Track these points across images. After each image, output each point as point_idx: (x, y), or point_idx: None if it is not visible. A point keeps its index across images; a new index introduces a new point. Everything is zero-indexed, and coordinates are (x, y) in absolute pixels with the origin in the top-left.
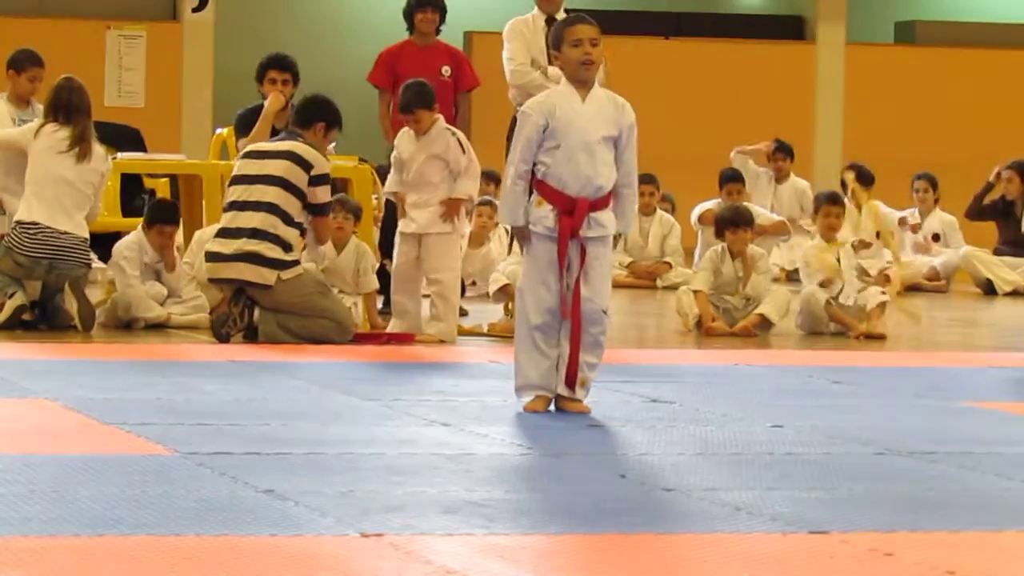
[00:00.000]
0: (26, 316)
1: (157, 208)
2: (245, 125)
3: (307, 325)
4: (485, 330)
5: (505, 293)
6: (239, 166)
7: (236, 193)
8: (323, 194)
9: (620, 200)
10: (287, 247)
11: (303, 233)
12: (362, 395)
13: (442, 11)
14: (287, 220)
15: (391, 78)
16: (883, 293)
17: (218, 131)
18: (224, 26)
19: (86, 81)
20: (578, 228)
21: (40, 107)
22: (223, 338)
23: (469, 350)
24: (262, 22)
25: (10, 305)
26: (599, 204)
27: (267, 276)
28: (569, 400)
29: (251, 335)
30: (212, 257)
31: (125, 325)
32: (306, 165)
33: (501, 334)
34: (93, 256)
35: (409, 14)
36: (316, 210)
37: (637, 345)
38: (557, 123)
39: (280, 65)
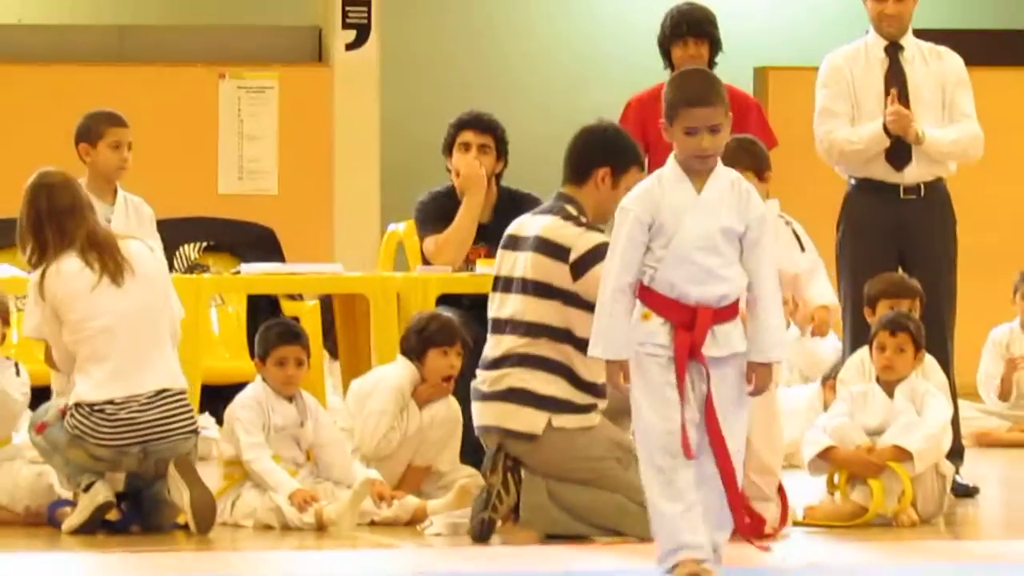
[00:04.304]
0: (111, 515)
1: (270, 330)
2: (431, 217)
3: (594, 504)
4: (800, 516)
5: (828, 460)
6: (498, 257)
7: (494, 304)
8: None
9: (755, 316)
10: (576, 380)
11: None
12: None
13: (711, 40)
14: (569, 339)
15: (641, 139)
16: None
17: (391, 228)
18: (394, 70)
19: (191, 156)
20: (700, 345)
21: (133, 198)
22: (483, 529)
23: (782, 548)
24: (446, 63)
25: (88, 502)
26: (724, 314)
27: (534, 422)
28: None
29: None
30: (474, 394)
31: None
32: (559, 252)
33: (824, 522)
34: (200, 419)
35: (664, 46)
36: None
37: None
38: (665, 218)
39: (478, 124)
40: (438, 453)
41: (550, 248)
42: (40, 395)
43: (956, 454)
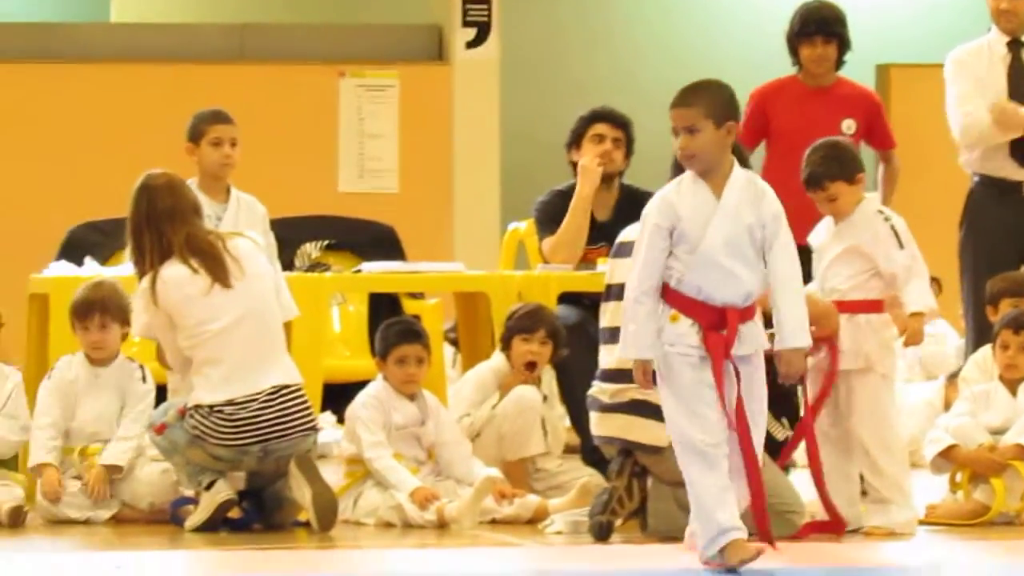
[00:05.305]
0: (233, 513)
1: (391, 328)
2: (549, 217)
3: None
4: (922, 515)
5: (949, 458)
6: (609, 266)
7: (607, 314)
8: None
9: (777, 307)
10: None
11: None
12: None
13: (840, 39)
14: None
15: (761, 133)
16: None
17: (512, 226)
18: (515, 68)
19: (311, 155)
20: (731, 345)
21: (246, 196)
22: (601, 532)
23: (904, 548)
24: (563, 60)
25: (210, 500)
26: (747, 313)
27: (658, 435)
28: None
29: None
30: (592, 404)
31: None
32: None
33: (946, 521)
34: (321, 418)
35: (792, 43)
36: None
37: None
38: (686, 225)
39: (612, 118)
40: (520, 445)
41: None
42: (160, 393)
43: None
